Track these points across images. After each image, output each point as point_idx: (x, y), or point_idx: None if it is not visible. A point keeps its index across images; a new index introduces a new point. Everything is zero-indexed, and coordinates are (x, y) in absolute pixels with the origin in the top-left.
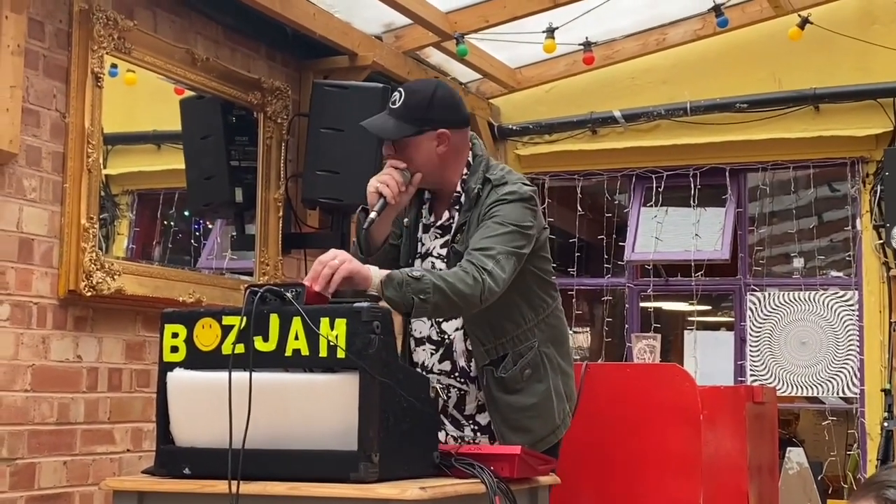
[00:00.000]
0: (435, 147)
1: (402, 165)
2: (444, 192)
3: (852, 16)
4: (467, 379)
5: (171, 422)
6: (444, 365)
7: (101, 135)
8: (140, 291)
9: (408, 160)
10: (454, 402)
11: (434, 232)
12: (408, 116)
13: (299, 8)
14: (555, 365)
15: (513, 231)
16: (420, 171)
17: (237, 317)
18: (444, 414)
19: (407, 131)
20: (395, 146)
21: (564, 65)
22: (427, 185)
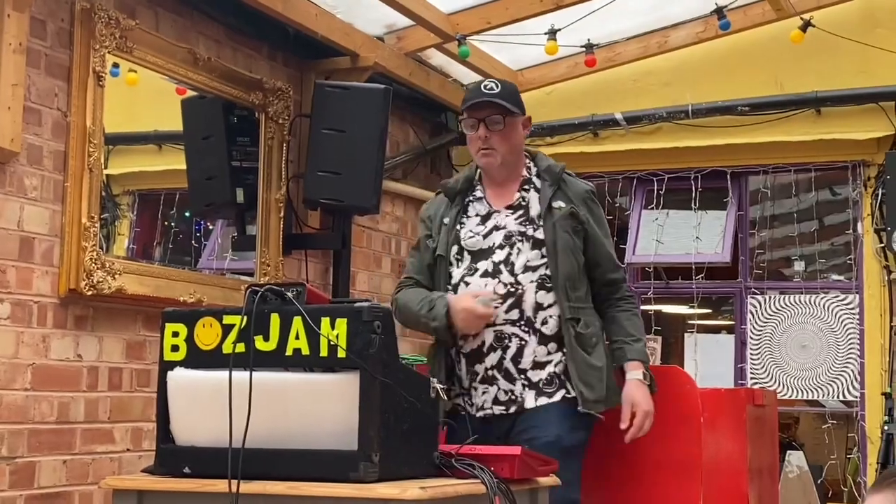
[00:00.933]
0: (521, 131)
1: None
2: (510, 178)
3: (854, 19)
4: (531, 329)
5: (172, 421)
6: (511, 314)
7: (102, 134)
8: (141, 291)
9: (503, 139)
10: (512, 353)
11: (505, 212)
12: (511, 99)
13: (301, 8)
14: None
15: None
16: (510, 152)
17: (238, 316)
18: (497, 368)
19: (516, 110)
20: (490, 128)
21: (566, 67)
22: (504, 169)
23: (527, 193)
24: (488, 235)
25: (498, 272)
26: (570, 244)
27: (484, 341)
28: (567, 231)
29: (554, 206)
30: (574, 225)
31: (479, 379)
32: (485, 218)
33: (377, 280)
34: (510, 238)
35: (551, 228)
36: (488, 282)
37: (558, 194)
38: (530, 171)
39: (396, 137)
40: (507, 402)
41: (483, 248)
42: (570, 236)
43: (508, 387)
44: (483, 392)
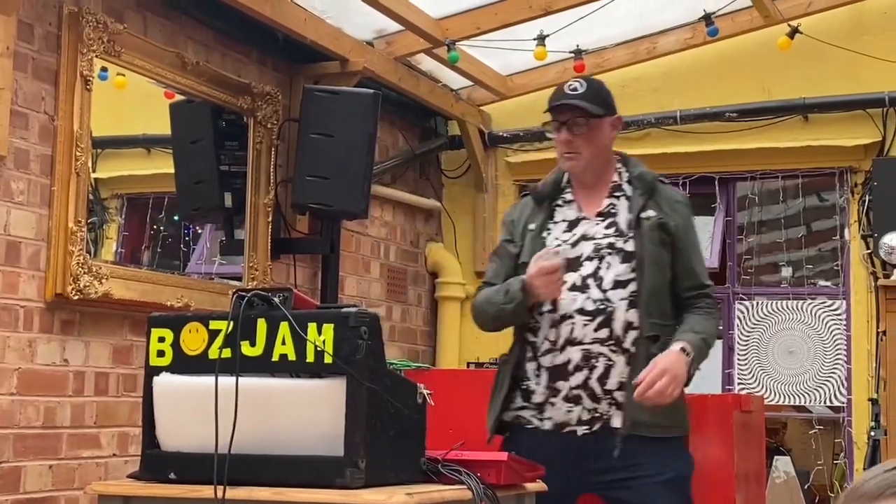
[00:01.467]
0: (610, 132)
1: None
2: (598, 183)
3: (842, 26)
4: (619, 349)
5: (157, 426)
6: (600, 333)
7: (89, 138)
8: (128, 295)
9: (588, 142)
10: (599, 373)
11: (595, 220)
12: (596, 99)
13: (290, 13)
14: None
15: None
16: (595, 155)
17: (224, 321)
18: (583, 387)
19: (600, 111)
20: (573, 131)
21: (555, 72)
22: (589, 173)
23: (617, 201)
24: (577, 244)
25: (586, 287)
26: (657, 257)
27: (570, 359)
28: (655, 243)
29: (643, 216)
30: (663, 236)
31: (561, 396)
32: (572, 224)
33: (366, 285)
34: (599, 250)
35: (640, 240)
36: (577, 296)
37: (650, 203)
38: (621, 175)
39: (385, 142)
40: (590, 421)
41: (570, 260)
42: (658, 248)
43: (592, 405)
44: (567, 411)
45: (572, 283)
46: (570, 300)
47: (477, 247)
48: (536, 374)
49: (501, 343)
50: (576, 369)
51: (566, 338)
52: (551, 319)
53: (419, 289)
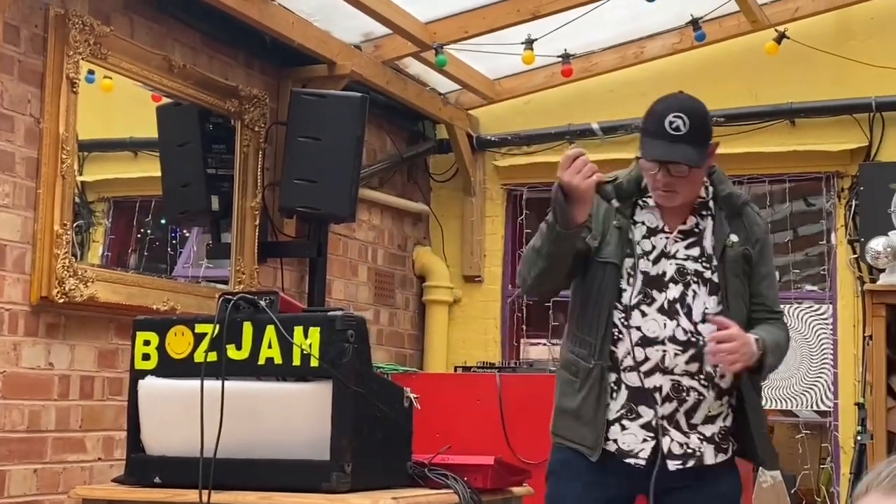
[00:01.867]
0: (709, 163)
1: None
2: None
3: (829, 31)
4: (710, 385)
5: (142, 430)
6: (691, 366)
7: (75, 140)
8: (113, 299)
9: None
10: (688, 407)
11: (675, 237)
12: (699, 141)
13: (278, 16)
14: None
15: None
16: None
17: (210, 324)
18: (669, 419)
19: (706, 156)
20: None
21: (543, 77)
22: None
23: (703, 221)
24: (657, 261)
25: (675, 313)
26: (740, 290)
27: (660, 387)
28: (738, 274)
29: (728, 243)
30: (745, 267)
31: (640, 423)
32: (651, 232)
33: (353, 288)
34: (684, 275)
35: (723, 270)
36: (666, 322)
37: (735, 229)
38: (708, 191)
39: (373, 146)
40: (683, 456)
41: (653, 276)
42: (740, 281)
43: (683, 440)
44: (643, 440)
45: (661, 303)
46: (660, 324)
47: (465, 250)
48: (615, 388)
49: (490, 348)
50: (665, 399)
51: (656, 363)
52: (639, 337)
53: (407, 292)
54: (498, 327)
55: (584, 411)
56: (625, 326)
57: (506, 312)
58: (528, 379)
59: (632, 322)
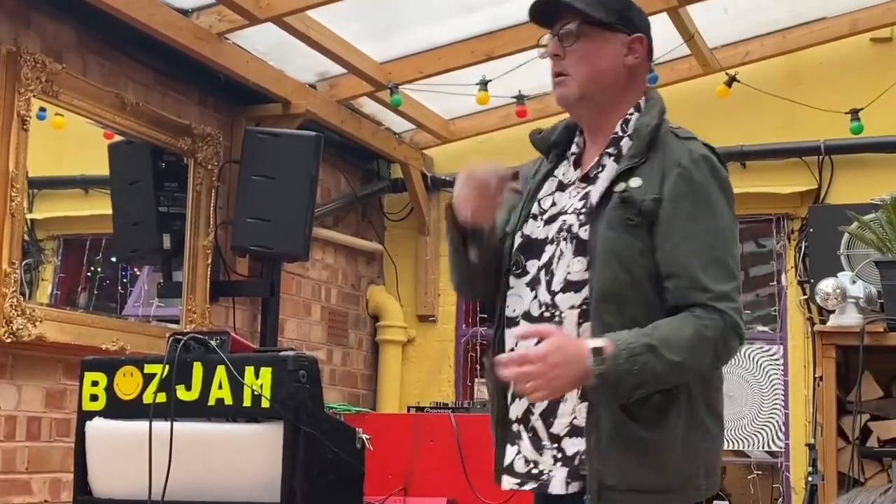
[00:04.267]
0: (623, 56)
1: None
2: (601, 132)
3: (778, 75)
4: None
5: (90, 472)
6: None
7: (25, 178)
8: (62, 338)
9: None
10: (543, 407)
11: (577, 187)
12: (602, 4)
13: (232, 55)
14: (698, 413)
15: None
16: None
17: (159, 365)
18: (524, 424)
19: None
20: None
21: (498, 117)
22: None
23: (605, 159)
24: (552, 221)
25: (538, 282)
26: (617, 247)
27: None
28: (617, 227)
29: (617, 188)
30: (626, 216)
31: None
32: (561, 187)
33: (306, 328)
34: (560, 232)
35: (595, 223)
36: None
37: (640, 168)
38: (627, 124)
39: (328, 184)
40: (524, 476)
41: (535, 240)
42: (620, 235)
43: (534, 457)
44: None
45: (532, 274)
46: (523, 299)
47: (419, 290)
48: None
49: (444, 388)
50: (515, 395)
51: (510, 348)
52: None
53: (360, 332)
54: (452, 367)
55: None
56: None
57: (460, 352)
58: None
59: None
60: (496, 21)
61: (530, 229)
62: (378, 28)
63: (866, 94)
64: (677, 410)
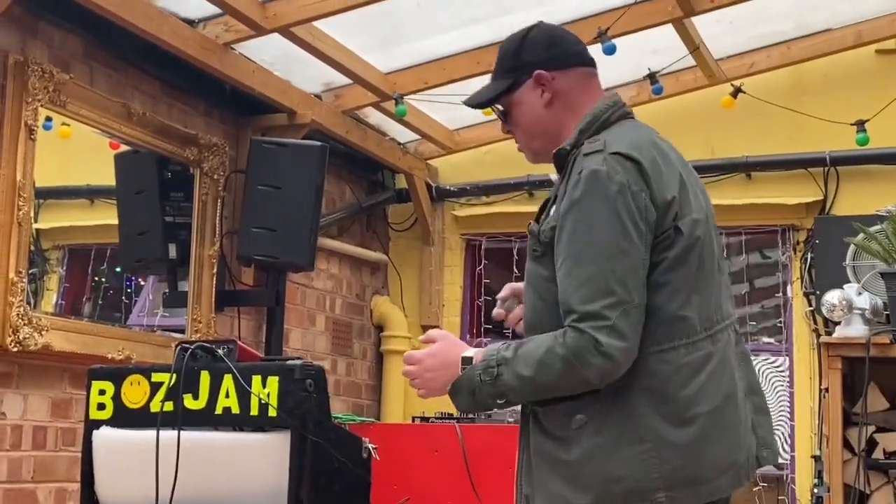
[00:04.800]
0: (539, 97)
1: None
2: None
3: (783, 86)
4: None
5: (96, 481)
6: None
7: (32, 188)
8: (68, 347)
9: (515, 125)
10: None
11: None
12: (500, 71)
13: (238, 65)
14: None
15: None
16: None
17: (167, 374)
18: None
19: (500, 87)
20: (504, 124)
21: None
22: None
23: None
24: None
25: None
26: (529, 278)
27: None
28: (529, 258)
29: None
30: (532, 248)
31: None
32: None
33: (311, 338)
34: None
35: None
36: None
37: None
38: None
39: (333, 195)
40: None
41: None
42: (531, 266)
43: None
44: None
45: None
46: None
47: (423, 300)
48: None
49: (448, 399)
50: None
51: None
52: None
53: (364, 342)
54: None
55: None
56: None
57: None
58: (487, 429)
59: None
60: (500, 31)
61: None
62: (383, 39)
63: (872, 105)
64: (600, 426)
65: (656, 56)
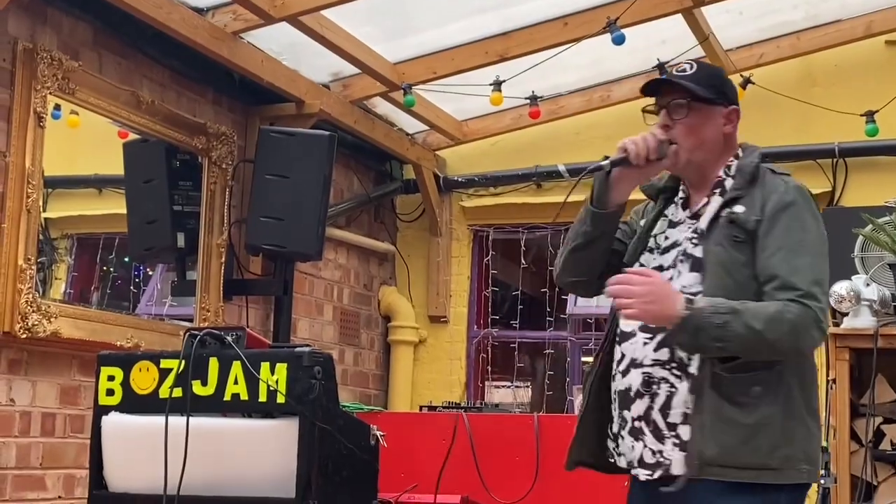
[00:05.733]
0: (722, 125)
1: (662, 136)
2: (705, 181)
3: (793, 78)
4: (683, 373)
5: (105, 466)
6: (660, 353)
7: (41, 176)
8: (76, 335)
9: (688, 132)
10: (661, 402)
11: (688, 223)
12: (706, 83)
13: (247, 54)
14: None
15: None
16: (697, 148)
17: (176, 360)
18: (646, 420)
19: (709, 94)
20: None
21: (510, 118)
22: (691, 169)
23: (712, 198)
24: (666, 252)
25: None
26: (725, 259)
27: (631, 385)
28: (725, 243)
29: (723, 213)
30: (733, 233)
31: (627, 429)
32: (672, 225)
33: (319, 327)
34: (676, 258)
35: (707, 242)
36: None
37: (743, 199)
38: (729, 169)
39: (341, 185)
40: (652, 466)
41: (653, 267)
42: (727, 250)
43: (657, 446)
44: (632, 446)
45: None
46: None
47: (430, 291)
48: (614, 398)
49: (455, 389)
50: (637, 396)
51: (631, 359)
52: (619, 335)
53: (372, 332)
54: (463, 368)
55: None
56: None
57: (471, 353)
58: (495, 419)
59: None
60: (510, 21)
61: (646, 260)
62: (392, 28)
63: (881, 96)
64: (772, 400)
65: (665, 46)
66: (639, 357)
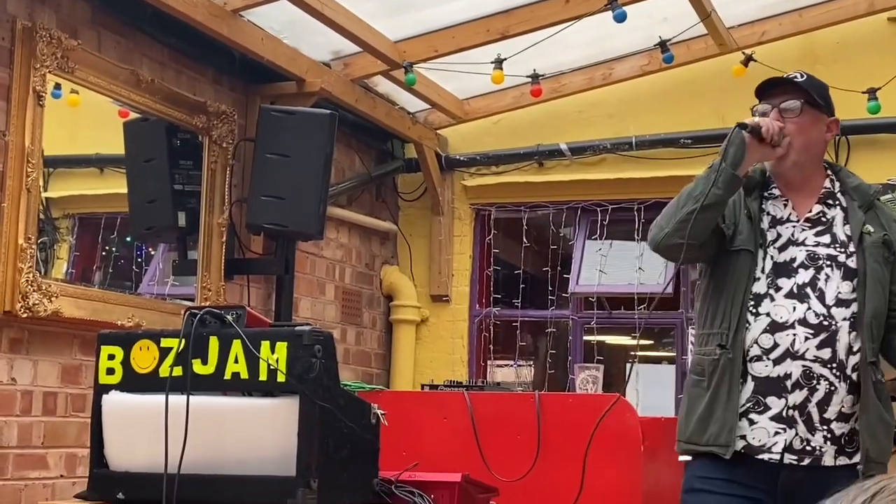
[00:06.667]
0: (825, 133)
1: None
2: (806, 186)
3: (795, 55)
4: (842, 375)
5: (106, 445)
6: (823, 352)
7: (41, 154)
8: (78, 314)
9: (798, 131)
10: (820, 397)
11: (803, 224)
12: (816, 91)
13: (247, 32)
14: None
15: None
16: (805, 149)
17: (176, 339)
18: (800, 410)
19: (819, 101)
20: (784, 115)
21: (512, 97)
22: (796, 170)
23: (829, 210)
24: (784, 249)
25: (805, 297)
26: (879, 275)
27: (790, 373)
28: (879, 261)
29: (864, 230)
30: (885, 254)
31: (770, 415)
32: (777, 222)
33: (320, 307)
34: (816, 260)
35: (862, 256)
36: (796, 305)
37: (870, 218)
38: (833, 184)
39: (342, 164)
40: (800, 452)
41: (780, 263)
42: (880, 267)
43: (807, 435)
44: (775, 433)
45: (789, 289)
46: (788, 307)
47: (433, 270)
48: (741, 380)
49: (457, 368)
50: (795, 386)
51: (786, 348)
52: (767, 323)
53: (374, 312)
54: (465, 347)
55: (714, 407)
56: (753, 314)
57: (473, 332)
58: (496, 397)
59: (761, 310)
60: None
61: (771, 254)
62: (392, 6)
63: (883, 73)
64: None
65: (667, 24)
66: (799, 349)
